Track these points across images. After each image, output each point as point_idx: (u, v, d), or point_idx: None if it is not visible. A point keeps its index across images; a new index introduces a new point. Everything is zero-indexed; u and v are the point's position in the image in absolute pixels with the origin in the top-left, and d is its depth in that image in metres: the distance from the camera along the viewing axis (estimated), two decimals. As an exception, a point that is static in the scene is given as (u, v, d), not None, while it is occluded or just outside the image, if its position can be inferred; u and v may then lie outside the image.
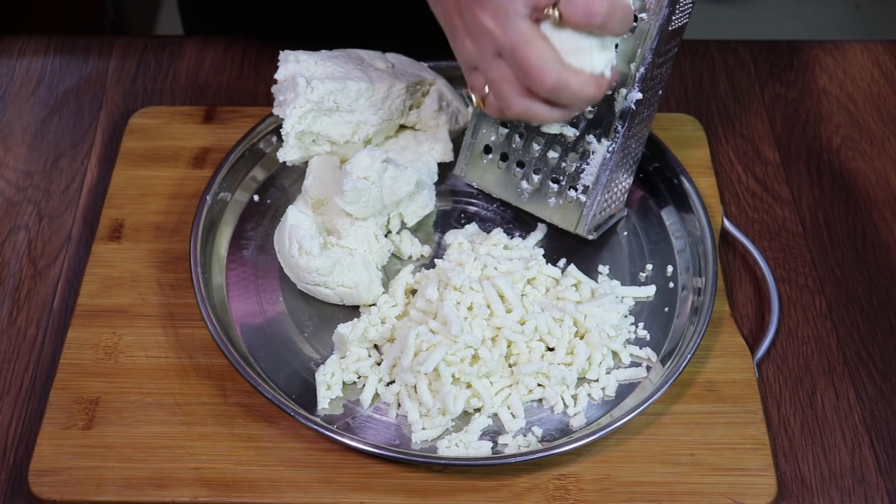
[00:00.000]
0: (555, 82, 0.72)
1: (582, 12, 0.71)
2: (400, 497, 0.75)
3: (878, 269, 0.91)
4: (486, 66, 0.75)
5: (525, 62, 0.72)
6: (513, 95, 0.74)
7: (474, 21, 0.73)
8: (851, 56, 1.09)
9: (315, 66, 0.87)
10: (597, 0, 0.71)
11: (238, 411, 0.79)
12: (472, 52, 0.75)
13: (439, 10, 0.77)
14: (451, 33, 0.76)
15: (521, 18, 0.72)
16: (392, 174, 0.84)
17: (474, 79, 0.77)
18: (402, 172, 0.84)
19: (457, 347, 0.77)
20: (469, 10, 0.73)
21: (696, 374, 0.82)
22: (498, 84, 0.74)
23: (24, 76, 1.06)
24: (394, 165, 0.84)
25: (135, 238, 0.90)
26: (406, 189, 0.85)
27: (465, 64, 0.77)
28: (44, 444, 0.77)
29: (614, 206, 0.88)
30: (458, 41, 0.76)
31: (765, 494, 0.75)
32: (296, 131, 0.86)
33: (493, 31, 0.73)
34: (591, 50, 0.74)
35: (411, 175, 0.85)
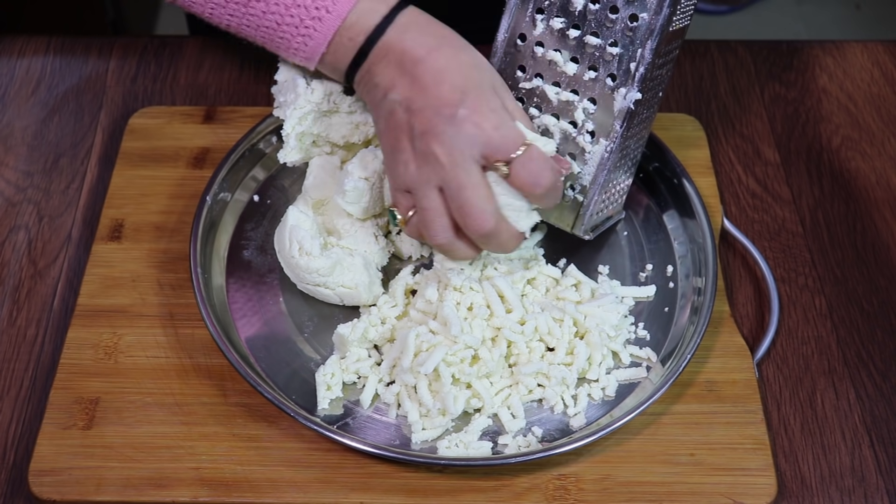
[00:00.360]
0: (490, 230, 0.75)
1: (530, 179, 0.75)
2: (400, 497, 0.75)
3: (878, 269, 0.91)
4: (422, 194, 0.76)
5: (468, 204, 0.74)
6: (441, 229, 0.76)
7: (426, 150, 0.74)
8: (851, 56, 1.09)
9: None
10: (546, 174, 0.75)
11: (238, 411, 0.79)
12: (412, 176, 0.76)
13: (386, 126, 0.77)
14: (395, 153, 0.77)
15: (473, 162, 0.74)
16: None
17: (404, 199, 0.78)
18: None
19: (457, 348, 0.77)
20: (423, 138, 0.74)
21: (696, 374, 0.82)
22: (430, 214, 0.76)
23: (24, 76, 1.06)
24: None
25: (135, 238, 0.90)
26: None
27: (400, 185, 0.77)
28: (44, 444, 0.77)
29: (612, 208, 0.88)
30: (401, 163, 0.76)
31: (765, 494, 0.75)
32: (296, 132, 0.86)
33: (443, 166, 0.74)
34: (521, 210, 0.78)
35: None
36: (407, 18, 0.77)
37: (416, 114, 0.75)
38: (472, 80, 0.75)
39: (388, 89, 0.76)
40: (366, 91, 0.79)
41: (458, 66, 0.75)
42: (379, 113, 0.78)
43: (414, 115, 0.75)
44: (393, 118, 0.76)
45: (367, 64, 0.78)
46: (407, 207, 0.78)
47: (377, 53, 0.77)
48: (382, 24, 0.77)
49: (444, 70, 0.75)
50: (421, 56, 0.75)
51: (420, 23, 0.77)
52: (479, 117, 0.74)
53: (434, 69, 0.75)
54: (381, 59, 0.77)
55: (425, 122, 0.74)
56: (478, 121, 0.74)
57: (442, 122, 0.74)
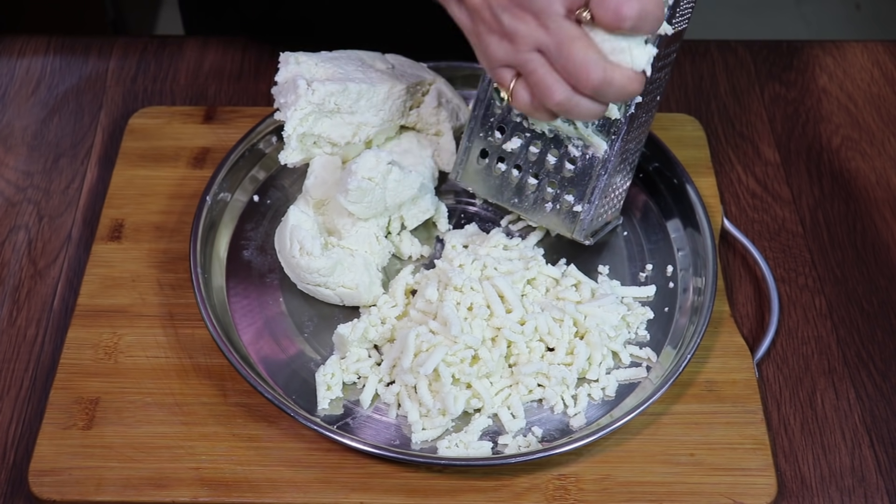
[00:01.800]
0: (601, 79, 0.73)
1: (612, 15, 0.72)
2: (400, 497, 0.75)
3: (878, 269, 0.91)
4: (525, 59, 0.74)
5: (571, 59, 0.72)
6: (556, 83, 0.74)
7: (513, 21, 0.73)
8: (851, 56, 1.09)
9: (315, 68, 0.87)
10: (627, 3, 0.71)
11: (238, 411, 0.79)
12: (506, 50, 0.75)
13: (463, 12, 0.76)
14: (480, 33, 0.76)
15: (562, 18, 0.72)
16: (396, 177, 0.84)
17: (503, 74, 0.76)
18: (406, 176, 0.84)
19: (457, 348, 0.77)
20: (507, 10, 0.73)
21: (696, 374, 0.82)
22: (540, 73, 0.74)
23: (24, 76, 1.06)
24: (398, 168, 0.84)
25: (135, 238, 0.90)
26: (409, 192, 0.85)
27: (496, 62, 0.76)
28: (44, 444, 0.77)
29: (611, 213, 0.88)
30: (490, 41, 0.75)
31: (765, 494, 0.75)
32: (297, 134, 0.86)
33: (534, 31, 0.73)
34: (631, 48, 0.74)
35: (415, 179, 0.85)
36: None
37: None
38: None
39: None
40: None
41: None
42: (455, 7, 0.76)
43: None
44: (470, 3, 0.75)
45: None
46: (508, 81, 0.76)
47: None
48: None
49: None
50: None
51: None
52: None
53: None
54: None
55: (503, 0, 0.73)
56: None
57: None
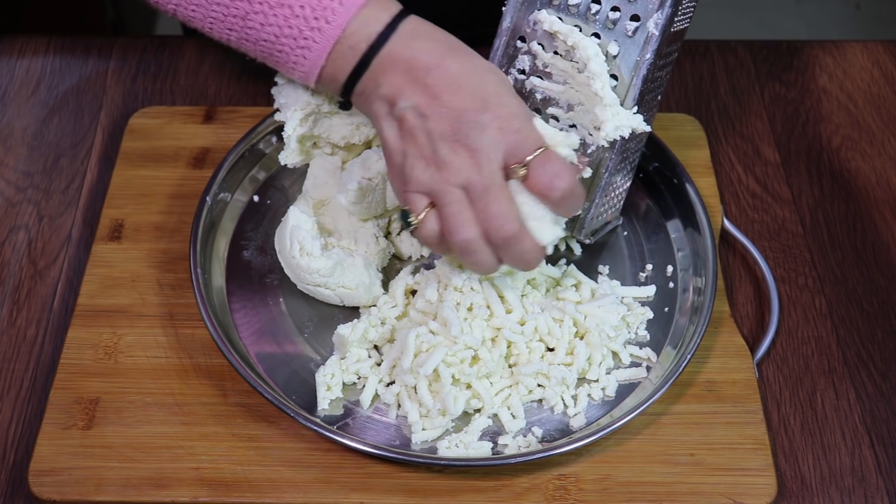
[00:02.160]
0: (514, 233, 0.73)
1: (547, 182, 0.73)
2: (400, 497, 0.75)
3: (878, 269, 0.91)
4: (446, 191, 0.73)
5: (493, 206, 0.73)
6: (468, 222, 0.74)
7: (449, 154, 0.73)
8: (851, 56, 1.09)
9: (315, 67, 0.87)
10: (562, 177, 0.73)
11: (238, 411, 0.79)
12: (433, 178, 0.74)
13: (397, 134, 0.75)
14: (410, 157, 0.75)
15: (497, 166, 0.73)
16: None
17: (418, 199, 0.75)
18: None
19: (457, 348, 0.77)
20: (446, 143, 0.73)
21: (696, 374, 0.82)
22: (456, 208, 0.73)
23: (24, 76, 1.06)
24: None
25: (135, 238, 0.90)
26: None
27: (416, 185, 0.75)
28: (44, 444, 0.77)
29: (611, 213, 0.88)
30: (419, 167, 0.74)
31: (765, 494, 0.75)
32: (297, 135, 0.86)
33: (469, 168, 0.73)
34: (545, 220, 0.75)
35: None
36: (411, 26, 0.76)
37: (435, 120, 0.73)
38: (489, 84, 0.74)
39: (397, 98, 0.75)
40: (368, 103, 0.78)
41: (472, 71, 0.74)
42: (386, 122, 0.76)
43: (431, 121, 0.73)
44: (405, 124, 0.75)
45: (369, 73, 0.76)
46: (421, 208, 0.75)
47: (380, 63, 0.76)
48: (386, 32, 0.75)
49: (459, 76, 0.74)
50: (431, 64, 0.74)
51: (424, 31, 0.76)
52: (502, 122, 0.73)
53: (448, 76, 0.74)
54: (385, 69, 0.76)
55: (447, 128, 0.73)
56: (501, 125, 0.73)
57: (465, 127, 0.73)
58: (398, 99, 0.75)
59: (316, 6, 0.75)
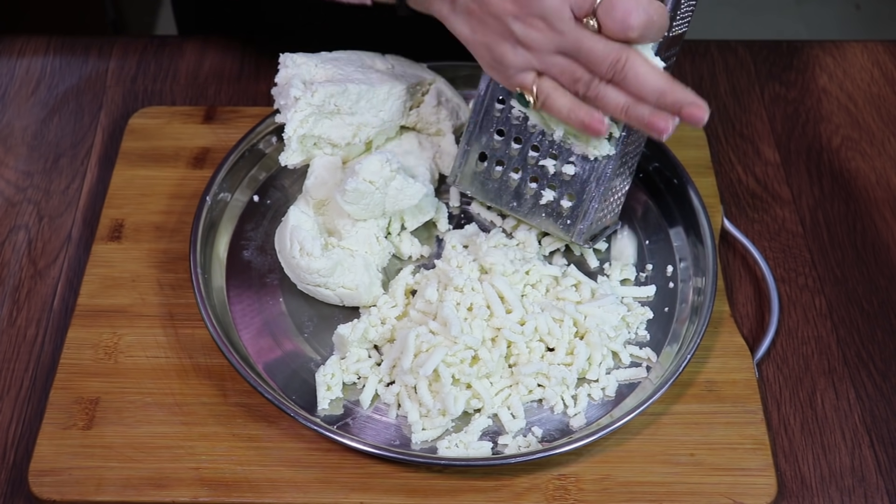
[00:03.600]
0: (621, 56, 0.73)
1: (619, 25, 0.73)
2: (400, 497, 0.75)
3: (878, 269, 0.91)
4: (546, 64, 0.75)
5: (593, 50, 0.73)
6: (580, 72, 0.75)
7: (526, 30, 0.75)
8: (851, 56, 1.09)
9: (315, 69, 0.87)
10: (635, 12, 0.72)
11: (238, 411, 0.79)
12: (525, 57, 0.76)
13: (472, 28, 0.77)
14: (495, 46, 0.77)
15: (572, 23, 0.74)
16: (399, 184, 0.83)
17: (524, 78, 0.77)
18: (410, 185, 0.84)
19: (457, 348, 0.77)
20: (518, 21, 0.74)
21: (696, 374, 0.82)
22: (564, 68, 0.75)
23: (24, 76, 1.06)
24: (403, 177, 0.83)
25: (135, 238, 0.90)
26: (409, 202, 0.85)
27: (515, 68, 0.77)
28: (44, 444, 0.77)
29: (610, 216, 0.87)
30: (508, 51, 0.76)
31: (765, 494, 0.75)
32: (298, 135, 0.86)
33: (553, 35, 0.74)
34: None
35: (418, 190, 0.85)
36: None
37: (498, 3, 0.75)
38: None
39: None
40: (428, 3, 0.79)
41: None
42: (454, 19, 0.78)
43: (494, 5, 0.75)
44: (473, 15, 0.76)
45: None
46: (530, 83, 0.77)
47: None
48: None
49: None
50: None
51: None
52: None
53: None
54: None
55: (511, 6, 0.74)
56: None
57: (527, 1, 0.74)
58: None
59: None
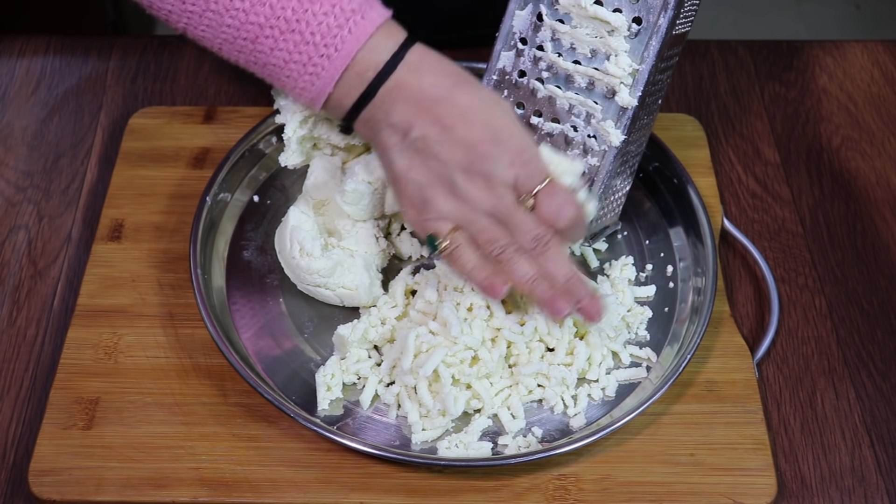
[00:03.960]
0: (543, 236, 0.76)
1: (553, 212, 0.75)
2: (400, 497, 0.75)
3: (878, 269, 0.91)
4: (472, 219, 0.76)
5: (522, 223, 0.75)
6: (502, 236, 0.76)
7: (467, 183, 0.75)
8: (851, 56, 1.09)
9: (315, 68, 0.87)
10: (567, 207, 0.76)
11: (238, 411, 0.79)
12: (455, 208, 0.76)
13: (411, 164, 0.76)
14: (428, 188, 0.76)
15: (511, 195, 0.75)
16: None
17: (442, 225, 0.77)
18: None
19: (456, 349, 0.77)
20: (463, 174, 0.75)
21: (696, 374, 0.82)
22: (489, 232, 0.76)
23: (24, 76, 1.06)
24: None
25: (135, 238, 0.90)
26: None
27: (439, 215, 0.77)
28: (44, 444, 0.77)
29: (610, 216, 0.87)
30: (439, 196, 0.76)
31: (765, 494, 0.75)
32: (297, 136, 0.86)
33: (488, 198, 0.75)
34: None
35: None
36: (417, 55, 0.76)
37: (449, 150, 0.75)
38: (497, 116, 0.75)
39: (410, 127, 0.75)
40: (374, 131, 0.78)
41: (480, 104, 0.75)
42: (397, 152, 0.77)
43: (445, 151, 0.75)
44: (419, 155, 0.76)
45: (376, 101, 0.76)
46: (444, 232, 0.77)
47: (388, 92, 0.76)
48: (392, 61, 0.76)
49: (468, 109, 0.75)
50: (440, 96, 0.75)
51: (431, 61, 0.77)
52: (513, 154, 0.75)
53: (458, 108, 0.75)
54: (394, 99, 0.76)
55: (461, 158, 0.75)
56: (511, 157, 0.75)
57: (479, 158, 0.74)
58: (411, 128, 0.75)
59: (326, 34, 0.75)
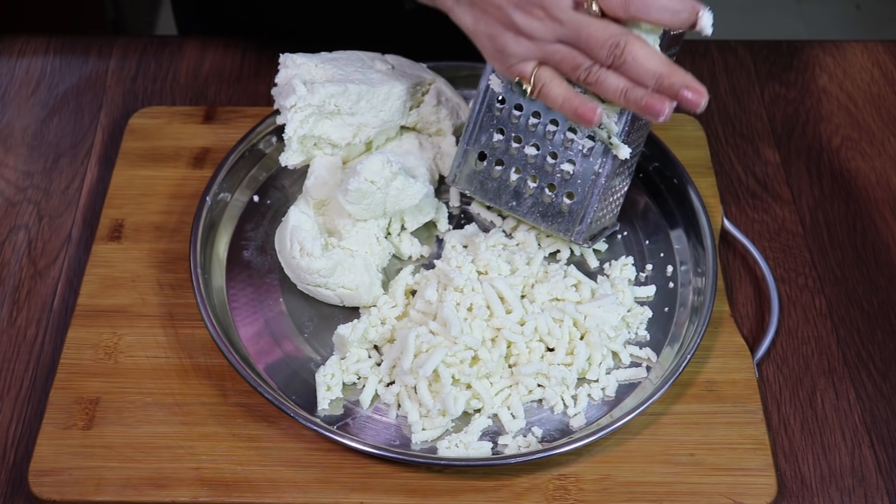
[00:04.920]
0: (619, 37, 0.74)
1: (619, 2, 0.74)
2: (400, 497, 0.75)
3: (878, 269, 0.91)
4: (547, 53, 0.77)
5: (591, 33, 0.75)
6: (580, 57, 0.76)
7: (527, 19, 0.76)
8: (851, 56, 1.09)
9: (315, 69, 0.87)
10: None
11: (238, 411, 0.79)
12: (527, 47, 0.77)
13: (475, 17, 0.79)
14: (493, 34, 0.78)
15: (570, 10, 0.75)
16: (400, 185, 0.83)
17: (524, 67, 0.78)
18: (411, 185, 0.84)
19: (457, 348, 0.77)
20: (518, 8, 0.76)
21: (696, 374, 0.82)
22: (565, 54, 0.76)
23: (24, 76, 1.06)
24: (404, 177, 0.84)
25: (135, 238, 0.90)
26: (410, 202, 0.85)
27: (516, 58, 0.78)
28: (44, 444, 0.77)
29: (609, 217, 0.87)
30: (510, 41, 0.78)
31: (765, 494, 0.75)
32: (298, 135, 0.86)
33: (551, 25, 0.75)
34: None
35: (419, 189, 0.85)
36: None
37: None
38: None
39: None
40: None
41: None
42: (459, 11, 0.79)
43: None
44: (478, 8, 0.78)
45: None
46: (528, 73, 0.78)
47: None
48: None
49: None
50: None
51: None
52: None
53: None
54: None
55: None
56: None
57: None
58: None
59: None
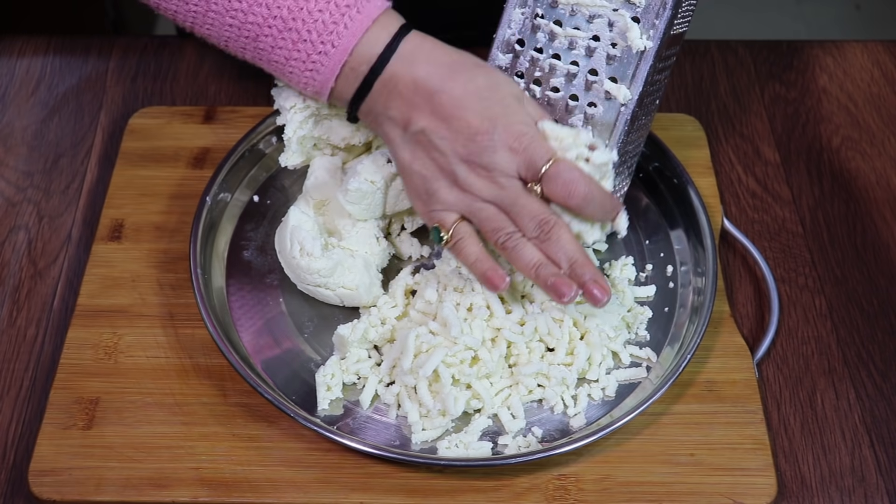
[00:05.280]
0: (548, 220, 0.75)
1: (562, 192, 0.75)
2: (400, 497, 0.75)
3: (878, 269, 0.91)
4: (476, 208, 0.76)
5: (526, 207, 0.75)
6: (505, 223, 0.76)
7: (469, 174, 0.75)
8: (851, 56, 1.09)
9: (315, 68, 0.87)
10: (576, 184, 0.74)
11: (238, 411, 0.79)
12: (458, 199, 0.76)
13: (414, 156, 0.77)
14: (432, 180, 0.77)
15: (516, 181, 0.75)
16: (400, 184, 0.83)
17: (447, 217, 0.77)
18: None
19: (457, 349, 0.77)
20: (464, 165, 0.75)
21: (696, 374, 0.82)
22: (490, 213, 0.76)
23: (24, 76, 1.06)
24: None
25: (135, 238, 0.90)
26: (409, 203, 0.85)
27: (444, 206, 0.77)
28: (44, 444, 0.77)
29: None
30: (442, 188, 0.76)
31: (765, 494, 0.75)
32: (297, 136, 0.86)
33: (490, 188, 0.75)
34: (585, 224, 0.78)
35: None
36: (411, 45, 0.77)
37: (449, 141, 0.75)
38: (495, 101, 0.75)
39: (408, 121, 0.76)
40: (377, 123, 0.79)
41: (476, 91, 0.75)
42: (400, 145, 0.78)
43: (446, 143, 0.75)
44: (421, 148, 0.76)
45: (373, 95, 0.77)
46: (450, 223, 0.77)
47: (383, 85, 0.76)
48: (385, 53, 0.76)
49: (464, 98, 0.75)
50: (435, 87, 0.75)
51: (426, 49, 0.77)
52: (512, 140, 0.75)
53: (454, 98, 0.75)
54: (390, 92, 0.76)
55: (461, 149, 0.75)
56: (511, 144, 0.74)
57: (478, 148, 0.74)
58: (410, 122, 0.76)
59: (322, 30, 0.75)
